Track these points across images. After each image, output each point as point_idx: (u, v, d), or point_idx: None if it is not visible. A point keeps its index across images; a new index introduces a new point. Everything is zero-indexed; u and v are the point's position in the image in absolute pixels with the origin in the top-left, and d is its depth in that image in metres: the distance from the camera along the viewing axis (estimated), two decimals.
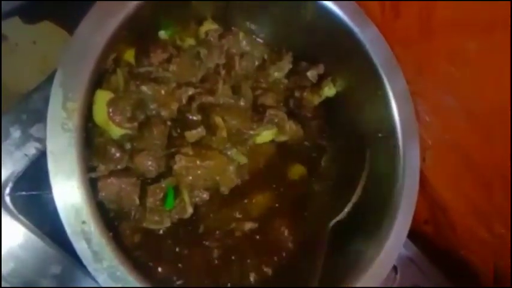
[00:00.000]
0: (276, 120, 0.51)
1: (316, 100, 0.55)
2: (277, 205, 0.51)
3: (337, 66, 0.53)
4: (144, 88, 0.43)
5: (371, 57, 0.48)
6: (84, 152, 0.36)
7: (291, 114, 0.53)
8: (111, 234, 0.35)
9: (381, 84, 0.48)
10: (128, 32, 0.40)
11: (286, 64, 0.53)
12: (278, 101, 0.53)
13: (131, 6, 0.38)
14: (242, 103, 0.49)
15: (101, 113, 0.41)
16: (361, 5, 0.47)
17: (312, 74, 0.54)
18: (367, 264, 0.44)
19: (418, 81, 0.53)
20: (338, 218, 0.49)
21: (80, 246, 0.34)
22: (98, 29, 0.36)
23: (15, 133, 0.47)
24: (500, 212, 0.58)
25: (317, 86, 0.54)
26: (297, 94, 0.55)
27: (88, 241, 0.34)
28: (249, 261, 0.47)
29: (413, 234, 0.59)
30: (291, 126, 0.52)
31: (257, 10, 0.50)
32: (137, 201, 0.43)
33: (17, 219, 0.46)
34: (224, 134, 0.46)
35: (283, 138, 0.52)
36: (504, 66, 0.49)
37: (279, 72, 0.54)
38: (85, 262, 0.34)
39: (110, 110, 0.41)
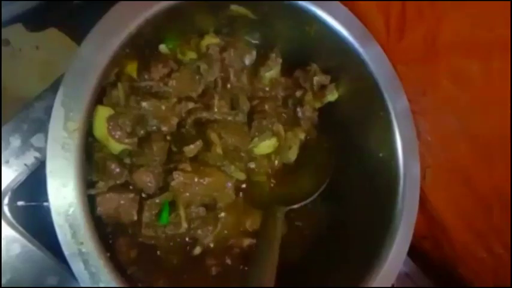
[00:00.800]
0: (264, 123, 0.50)
1: (317, 104, 0.54)
2: None
3: (339, 84, 0.53)
4: (144, 104, 0.43)
5: (374, 77, 0.47)
6: (84, 170, 0.35)
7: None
8: (108, 254, 0.35)
9: (383, 104, 0.48)
10: (130, 49, 0.39)
11: (274, 61, 0.52)
12: (276, 108, 0.53)
13: (134, 25, 0.38)
14: (240, 118, 0.49)
15: (100, 128, 0.41)
16: (366, 25, 0.47)
17: (319, 79, 0.53)
18: (366, 283, 0.44)
19: (420, 101, 0.52)
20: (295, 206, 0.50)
21: (77, 267, 0.34)
22: (100, 48, 0.36)
23: (15, 142, 0.47)
24: (499, 232, 0.58)
25: (320, 91, 0.54)
26: (298, 94, 0.54)
27: (85, 262, 0.34)
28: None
29: (411, 250, 0.59)
30: (287, 131, 0.52)
31: (260, 26, 0.50)
32: (135, 217, 0.43)
33: (15, 229, 0.46)
34: (219, 150, 0.46)
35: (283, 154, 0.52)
36: (506, 88, 0.49)
37: (269, 72, 0.53)
38: (82, 283, 0.34)
39: (110, 125, 0.41)
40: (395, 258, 0.45)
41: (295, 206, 0.50)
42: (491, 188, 0.56)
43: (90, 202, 0.36)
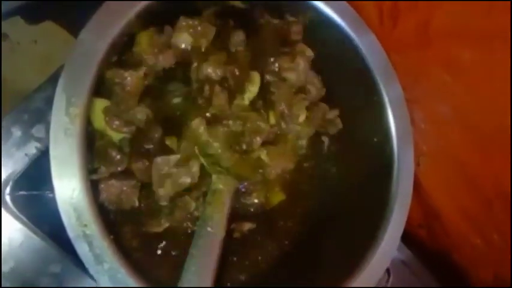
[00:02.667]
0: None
1: None
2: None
3: (334, 72, 0.53)
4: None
5: (368, 64, 0.48)
6: (86, 156, 0.36)
7: None
8: (112, 237, 0.36)
9: (377, 91, 0.49)
10: (128, 38, 0.40)
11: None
12: None
13: (132, 13, 0.38)
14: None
15: (98, 119, 0.42)
16: (360, 13, 0.48)
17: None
18: (361, 267, 0.45)
19: (414, 89, 0.53)
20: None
21: (82, 249, 0.34)
22: (100, 35, 0.37)
23: (16, 133, 0.48)
24: (493, 219, 0.59)
25: None
26: None
27: (89, 244, 0.34)
28: (247, 262, 0.48)
29: (407, 238, 0.60)
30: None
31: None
32: (137, 203, 0.43)
33: (17, 218, 0.46)
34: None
35: None
36: (500, 76, 0.50)
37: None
38: (86, 265, 0.35)
39: (107, 116, 0.42)
40: (390, 239, 0.46)
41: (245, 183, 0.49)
42: (485, 175, 0.57)
43: (93, 188, 0.37)
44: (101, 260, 0.34)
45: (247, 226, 0.49)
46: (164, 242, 0.45)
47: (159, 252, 0.44)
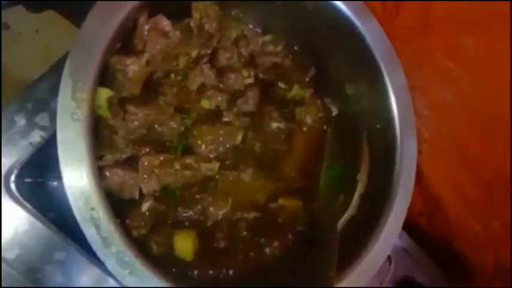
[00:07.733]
0: None
1: None
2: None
3: (337, 59, 0.54)
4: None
5: (371, 51, 0.48)
6: (93, 141, 0.36)
7: None
8: (118, 220, 0.36)
9: (380, 77, 0.49)
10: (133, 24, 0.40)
11: None
12: None
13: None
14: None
15: (103, 108, 0.41)
16: (363, 2, 0.48)
17: None
18: (362, 253, 0.45)
19: (417, 76, 0.54)
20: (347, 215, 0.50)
21: (89, 232, 0.34)
22: (106, 20, 0.37)
23: (20, 121, 0.47)
24: (493, 206, 0.59)
25: None
26: None
27: (97, 227, 0.34)
28: (253, 251, 0.48)
29: (408, 226, 0.60)
30: None
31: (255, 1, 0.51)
32: (137, 196, 0.44)
33: (22, 206, 0.46)
34: None
35: None
36: (502, 62, 0.50)
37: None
38: (94, 247, 0.35)
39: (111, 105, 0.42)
40: (392, 226, 0.47)
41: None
42: (486, 162, 0.57)
43: (99, 172, 0.37)
44: (109, 243, 0.35)
45: (253, 214, 0.49)
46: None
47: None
